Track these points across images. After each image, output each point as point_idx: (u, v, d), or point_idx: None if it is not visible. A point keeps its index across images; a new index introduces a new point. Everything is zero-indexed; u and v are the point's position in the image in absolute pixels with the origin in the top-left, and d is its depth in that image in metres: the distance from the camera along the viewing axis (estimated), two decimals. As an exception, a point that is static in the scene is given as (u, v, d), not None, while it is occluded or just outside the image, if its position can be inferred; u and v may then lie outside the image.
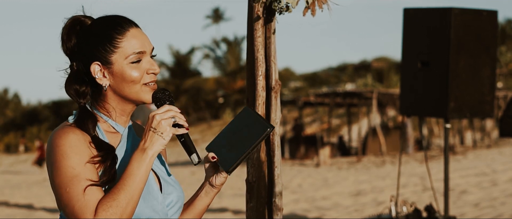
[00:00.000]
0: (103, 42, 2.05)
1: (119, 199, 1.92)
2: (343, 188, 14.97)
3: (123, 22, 2.08)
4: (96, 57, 2.05)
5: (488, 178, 14.64)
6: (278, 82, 3.08)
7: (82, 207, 1.92)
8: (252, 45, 3.06)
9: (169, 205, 2.09)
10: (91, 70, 2.06)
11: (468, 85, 6.22)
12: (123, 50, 2.05)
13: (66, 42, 2.09)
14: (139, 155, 1.97)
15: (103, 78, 2.06)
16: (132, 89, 2.06)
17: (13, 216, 13.45)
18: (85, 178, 1.94)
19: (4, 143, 52.03)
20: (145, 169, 1.96)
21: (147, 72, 2.07)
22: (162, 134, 1.98)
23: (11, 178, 25.87)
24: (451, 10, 6.11)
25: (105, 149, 2.01)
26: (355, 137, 33.20)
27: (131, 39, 2.06)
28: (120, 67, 2.05)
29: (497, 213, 10.18)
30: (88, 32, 2.08)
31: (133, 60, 2.05)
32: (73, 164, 1.95)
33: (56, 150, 1.98)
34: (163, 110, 2.01)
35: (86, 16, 2.13)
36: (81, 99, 2.08)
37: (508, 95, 26.18)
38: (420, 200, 11.37)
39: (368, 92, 26.68)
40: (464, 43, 6.17)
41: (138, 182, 1.94)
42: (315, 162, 23.12)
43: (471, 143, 27.50)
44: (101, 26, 2.08)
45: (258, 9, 3.01)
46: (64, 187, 1.95)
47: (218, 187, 2.15)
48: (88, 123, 2.03)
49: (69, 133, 2.00)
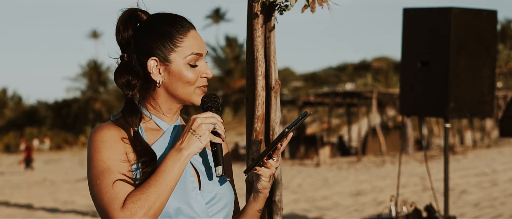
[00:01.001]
0: (163, 39, 2.04)
1: (149, 193, 1.92)
2: (343, 188, 14.98)
3: (184, 22, 2.08)
4: (154, 53, 2.04)
5: (488, 178, 14.64)
6: (278, 82, 3.08)
7: (110, 198, 1.92)
8: (251, 45, 3.05)
9: (210, 203, 2.07)
10: (148, 65, 2.05)
11: (468, 85, 6.21)
12: (182, 50, 2.05)
13: (122, 32, 2.08)
14: (175, 154, 1.97)
15: (158, 74, 2.05)
16: (186, 89, 2.06)
17: (13, 216, 13.45)
18: (116, 172, 1.95)
19: (4, 143, 52.02)
20: (179, 168, 1.96)
21: (202, 76, 2.08)
22: (200, 137, 1.98)
23: (11, 178, 25.88)
24: (451, 10, 6.11)
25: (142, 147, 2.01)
26: (355, 137, 33.21)
27: (192, 40, 2.07)
28: (177, 66, 2.05)
29: (497, 213, 10.18)
30: (147, 26, 2.07)
31: (191, 61, 2.05)
32: (104, 158, 1.97)
33: (90, 146, 2.00)
34: (206, 115, 2.01)
35: (143, 10, 2.12)
36: (129, 91, 2.07)
37: (508, 95, 26.19)
38: (420, 200, 11.37)
39: (368, 92, 26.69)
40: (464, 43, 6.17)
41: (170, 180, 1.95)
42: (315, 162, 23.13)
43: (471, 143, 27.51)
44: (162, 22, 2.07)
45: (257, 8, 3.01)
46: (95, 180, 1.96)
47: (262, 192, 2.13)
48: (132, 116, 2.04)
49: (103, 129, 2.01)
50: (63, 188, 19.40)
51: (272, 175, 2.11)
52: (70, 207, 14.36)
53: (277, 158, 2.09)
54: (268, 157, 2.08)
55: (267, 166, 2.08)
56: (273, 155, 2.08)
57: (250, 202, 2.17)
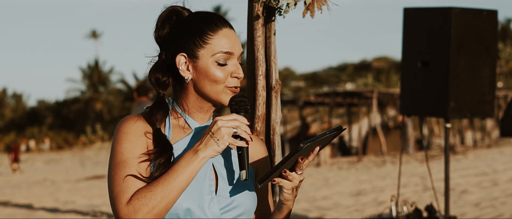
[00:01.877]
0: (193, 35, 2.03)
1: (155, 192, 1.90)
2: (344, 188, 14.98)
3: (218, 20, 2.07)
4: (183, 49, 2.04)
5: (488, 178, 14.64)
6: (278, 82, 3.08)
7: (119, 192, 1.92)
8: (252, 45, 3.05)
9: (225, 208, 2.03)
10: (177, 60, 2.04)
11: (468, 85, 6.21)
12: (211, 47, 2.03)
13: (160, 30, 2.08)
14: (190, 155, 1.95)
15: (186, 71, 2.04)
16: (214, 88, 2.03)
17: (13, 216, 13.45)
18: (131, 165, 1.95)
19: (5, 143, 52.02)
20: (192, 169, 1.93)
21: (231, 75, 2.05)
22: (218, 141, 1.94)
23: (11, 178, 25.88)
24: (451, 9, 6.11)
25: (162, 145, 2.00)
26: (355, 137, 33.22)
27: (222, 38, 2.04)
28: (205, 64, 2.03)
29: (497, 213, 10.18)
30: (182, 24, 2.07)
31: (219, 59, 2.03)
32: (123, 150, 1.97)
33: (115, 136, 2.01)
34: (228, 118, 1.97)
35: (185, 8, 2.11)
36: (161, 89, 2.07)
37: (508, 94, 26.19)
38: (421, 200, 11.37)
39: (368, 91, 26.69)
40: (464, 42, 6.16)
41: (180, 181, 1.92)
42: (315, 161, 23.12)
43: (472, 143, 27.51)
44: (195, 19, 2.06)
45: (258, 8, 3.01)
46: (112, 170, 1.97)
47: (285, 203, 2.09)
48: (157, 114, 2.03)
49: (129, 121, 2.02)
50: (64, 188, 19.41)
51: (295, 188, 2.06)
52: (71, 207, 14.37)
53: (301, 171, 2.05)
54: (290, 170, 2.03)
55: (289, 178, 2.04)
56: (296, 168, 2.04)
57: (275, 213, 2.14)
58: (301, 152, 1.99)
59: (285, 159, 2.00)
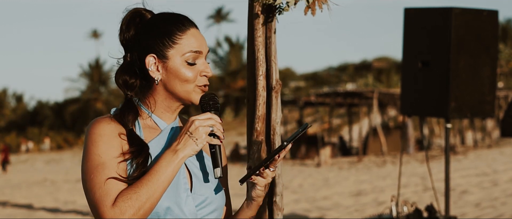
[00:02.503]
0: (162, 36, 2.05)
1: (140, 193, 1.92)
2: (344, 188, 14.97)
3: (185, 20, 2.09)
4: (152, 50, 2.05)
5: (489, 178, 14.64)
6: (278, 82, 3.08)
7: (102, 195, 1.93)
8: (252, 45, 3.05)
9: (200, 205, 2.06)
10: (146, 61, 2.05)
11: (469, 85, 6.21)
12: (181, 47, 2.05)
13: (125, 32, 2.10)
14: (170, 155, 1.97)
15: (156, 71, 2.06)
16: (184, 87, 2.06)
17: (13, 216, 13.46)
18: (110, 167, 1.96)
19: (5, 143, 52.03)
20: (172, 169, 1.96)
21: (201, 74, 2.08)
22: (196, 140, 1.98)
23: (11, 178, 25.88)
24: (452, 10, 6.10)
25: (138, 145, 2.01)
26: (356, 137, 33.21)
27: (191, 38, 2.07)
28: (175, 64, 2.05)
29: (497, 213, 10.18)
30: (149, 25, 2.08)
31: (189, 59, 2.06)
32: (100, 152, 1.97)
33: (87, 138, 2.00)
34: (204, 117, 2.01)
35: (147, 9, 2.13)
36: (128, 91, 2.08)
37: (509, 95, 26.18)
38: (421, 200, 11.37)
39: (368, 92, 26.69)
40: (464, 43, 6.16)
41: (163, 181, 1.95)
42: (316, 162, 23.12)
43: (472, 143, 27.50)
44: (162, 20, 2.08)
45: (258, 8, 3.01)
46: (89, 174, 1.96)
47: (256, 199, 2.14)
48: (128, 115, 2.05)
49: (102, 122, 2.02)
50: (64, 188, 19.41)
51: (267, 185, 2.12)
52: (71, 207, 14.37)
53: (274, 169, 2.09)
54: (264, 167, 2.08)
55: (263, 175, 2.09)
56: (270, 165, 2.08)
57: (243, 209, 2.17)
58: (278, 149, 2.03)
59: (267, 158, 2.04)
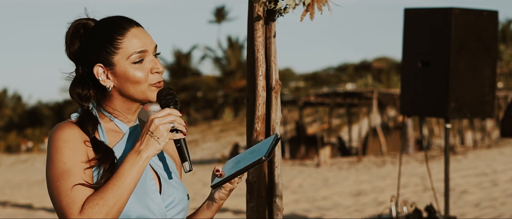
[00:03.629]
0: (104, 44, 2.03)
1: (107, 198, 1.91)
2: (344, 188, 14.98)
3: (123, 22, 2.06)
4: (98, 59, 2.04)
5: (488, 178, 14.64)
6: (278, 82, 3.08)
7: (69, 203, 1.91)
8: (252, 45, 3.06)
9: (169, 206, 2.06)
10: (94, 72, 2.04)
11: (469, 85, 6.21)
12: (124, 51, 2.03)
13: (70, 47, 2.08)
14: (133, 156, 1.96)
15: (106, 79, 2.05)
16: (138, 89, 2.05)
17: (14, 216, 13.46)
18: (76, 174, 1.94)
19: (5, 143, 52.04)
20: (137, 171, 1.95)
21: (151, 72, 2.06)
22: (158, 139, 1.97)
23: (11, 178, 25.88)
24: (452, 10, 6.11)
25: (103, 151, 2.00)
26: (355, 137, 33.21)
27: (132, 39, 2.04)
28: (122, 68, 2.03)
29: (497, 213, 10.18)
30: (90, 35, 2.07)
31: (135, 60, 2.03)
32: (65, 159, 1.95)
33: (51, 144, 1.98)
34: (163, 114, 1.99)
35: (89, 18, 2.11)
36: (84, 103, 2.07)
37: (508, 95, 26.19)
38: (421, 200, 11.37)
39: (368, 92, 26.69)
40: (464, 43, 6.17)
41: (129, 183, 1.93)
42: (315, 162, 23.13)
43: (472, 143, 27.49)
44: (102, 28, 2.06)
45: (258, 9, 3.01)
46: (55, 181, 1.95)
47: (218, 202, 2.15)
48: (87, 125, 2.03)
49: (66, 128, 2.00)
50: (64, 188, 19.40)
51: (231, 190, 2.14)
52: (71, 207, 14.37)
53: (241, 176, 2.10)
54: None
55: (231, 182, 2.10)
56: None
57: (203, 209, 2.18)
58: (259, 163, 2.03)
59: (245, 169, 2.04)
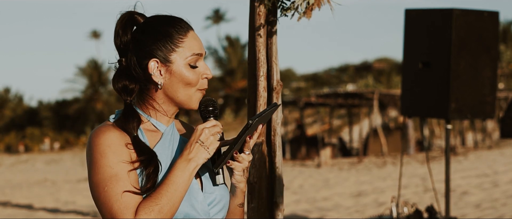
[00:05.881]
0: (164, 40, 2.03)
1: (162, 205, 1.93)
2: (344, 189, 14.97)
3: (183, 23, 2.08)
4: (155, 54, 2.03)
5: (489, 179, 14.64)
6: (279, 83, 3.08)
7: (121, 208, 1.92)
8: (253, 46, 3.06)
9: (211, 204, 2.08)
10: (149, 66, 2.03)
11: (469, 86, 6.21)
12: (183, 50, 2.04)
13: (121, 36, 2.07)
14: (183, 164, 1.98)
15: (159, 76, 2.04)
16: (187, 91, 2.06)
17: (14, 216, 13.46)
18: (124, 178, 1.94)
19: (5, 143, 52.03)
20: (188, 178, 1.97)
21: (202, 77, 2.08)
22: (208, 148, 2.00)
23: (12, 178, 25.89)
24: (453, 11, 6.11)
25: (146, 153, 2.00)
26: (356, 138, 33.21)
27: (192, 40, 2.06)
28: (178, 67, 2.04)
29: (498, 214, 10.18)
30: (147, 28, 2.06)
31: (191, 62, 2.05)
32: (110, 163, 1.95)
33: (94, 149, 1.97)
34: (211, 124, 2.02)
35: (140, 13, 2.11)
36: (128, 96, 2.06)
37: (509, 96, 26.18)
38: (421, 201, 11.37)
39: (369, 92, 26.69)
40: (465, 44, 6.17)
41: (181, 191, 1.96)
42: (316, 162, 23.12)
43: (472, 144, 27.49)
44: (161, 23, 2.06)
45: (259, 9, 3.01)
46: (102, 186, 1.94)
47: (238, 186, 2.15)
48: (131, 122, 2.03)
49: (107, 132, 1.99)
50: (64, 188, 19.41)
51: (245, 169, 2.12)
52: (71, 208, 14.37)
53: (248, 151, 2.10)
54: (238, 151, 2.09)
55: (239, 160, 2.09)
56: (244, 149, 2.09)
57: (231, 199, 2.19)
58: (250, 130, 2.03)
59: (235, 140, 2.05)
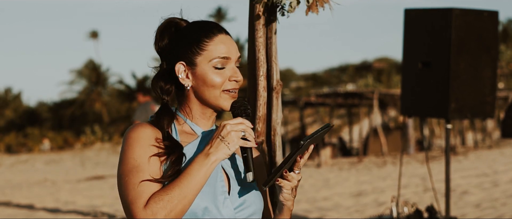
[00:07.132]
0: (190, 43, 2.11)
1: (172, 195, 1.96)
2: (344, 189, 14.97)
3: (213, 27, 2.14)
4: (182, 57, 2.12)
5: (489, 179, 14.64)
6: (279, 83, 3.08)
7: (135, 197, 1.97)
8: (253, 45, 3.06)
9: (239, 208, 2.09)
10: (176, 69, 2.12)
11: (469, 86, 6.21)
12: (208, 53, 2.10)
13: (159, 41, 2.17)
14: (202, 158, 2.01)
15: (185, 78, 2.12)
16: (212, 93, 2.10)
17: (14, 216, 13.46)
18: (145, 171, 2.00)
19: (5, 143, 52.03)
20: (205, 172, 1.99)
21: (229, 79, 2.11)
22: (229, 145, 2.02)
23: (12, 178, 25.89)
24: (452, 10, 6.11)
25: (172, 145, 2.05)
26: (356, 138, 33.22)
27: (219, 44, 2.11)
28: (202, 70, 2.10)
29: (498, 214, 10.18)
30: (180, 33, 2.15)
31: (216, 65, 2.10)
32: (135, 156, 2.02)
33: (124, 142, 2.06)
34: (235, 121, 2.04)
35: (183, 19, 2.19)
36: (164, 96, 2.14)
37: (509, 96, 26.19)
38: (421, 200, 11.37)
39: (369, 92, 26.68)
40: (465, 43, 6.17)
41: (195, 184, 1.98)
42: (316, 162, 23.12)
43: (472, 144, 27.50)
44: (192, 28, 2.14)
45: (259, 9, 3.01)
46: (124, 176, 2.02)
47: (286, 203, 2.15)
48: (164, 118, 2.10)
49: (140, 127, 2.07)
50: (64, 189, 19.41)
51: (294, 188, 2.13)
52: (71, 208, 14.37)
53: (298, 171, 2.11)
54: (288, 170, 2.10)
55: (288, 178, 2.10)
56: (294, 168, 2.10)
57: (276, 215, 2.20)
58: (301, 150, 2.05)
59: (286, 159, 2.06)
